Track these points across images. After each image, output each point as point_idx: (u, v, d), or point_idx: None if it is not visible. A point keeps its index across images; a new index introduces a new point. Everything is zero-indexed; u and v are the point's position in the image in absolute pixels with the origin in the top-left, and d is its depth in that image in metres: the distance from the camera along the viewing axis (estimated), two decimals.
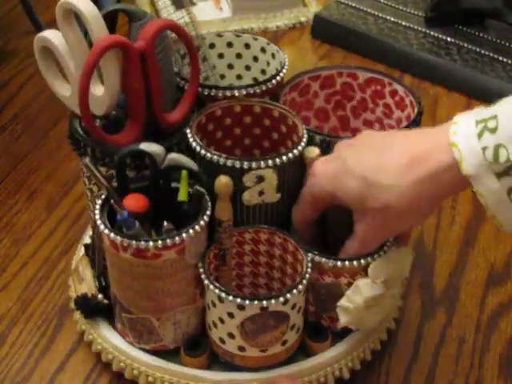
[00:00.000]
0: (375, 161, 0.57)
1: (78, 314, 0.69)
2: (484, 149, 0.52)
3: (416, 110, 0.68)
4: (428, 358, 0.70)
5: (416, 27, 1.11)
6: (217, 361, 0.65)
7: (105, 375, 0.67)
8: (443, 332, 0.73)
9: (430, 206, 0.58)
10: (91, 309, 0.67)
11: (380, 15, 1.13)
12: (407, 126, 0.67)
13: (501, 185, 0.52)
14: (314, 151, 0.64)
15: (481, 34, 1.10)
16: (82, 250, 0.73)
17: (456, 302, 0.76)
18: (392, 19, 1.13)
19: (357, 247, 0.61)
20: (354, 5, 1.16)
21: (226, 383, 0.63)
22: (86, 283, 0.69)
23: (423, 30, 1.10)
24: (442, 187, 0.55)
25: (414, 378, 0.68)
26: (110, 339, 0.66)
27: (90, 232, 0.74)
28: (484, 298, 0.76)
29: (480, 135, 0.52)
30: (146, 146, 0.59)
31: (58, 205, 0.85)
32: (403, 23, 1.12)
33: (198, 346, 0.65)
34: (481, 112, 0.54)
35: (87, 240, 0.74)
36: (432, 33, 1.09)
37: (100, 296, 0.67)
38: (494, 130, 0.51)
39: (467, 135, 0.53)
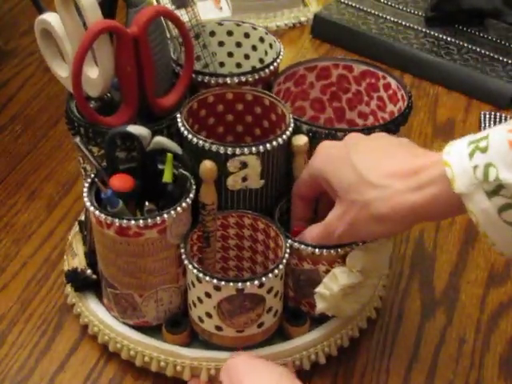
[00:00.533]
0: (376, 162, 0.59)
1: (68, 288, 0.72)
2: (475, 168, 0.52)
3: (406, 103, 0.69)
4: (428, 358, 0.71)
5: (416, 27, 1.11)
6: (197, 339, 0.67)
7: (105, 375, 0.68)
8: (443, 332, 0.73)
9: (406, 222, 0.58)
10: (80, 283, 0.70)
11: (380, 15, 1.13)
12: (396, 118, 0.69)
13: (491, 204, 0.52)
14: (302, 139, 0.66)
15: (481, 34, 1.10)
16: (77, 227, 0.76)
17: (456, 302, 0.76)
18: (392, 19, 1.13)
19: (318, 232, 0.63)
20: (354, 5, 1.16)
21: (202, 360, 0.65)
22: (78, 258, 0.71)
23: (423, 29, 1.11)
24: (429, 201, 0.55)
25: (414, 378, 0.69)
26: (97, 313, 0.69)
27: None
28: (484, 298, 0.76)
29: (471, 155, 0.52)
30: (133, 129, 0.62)
31: (57, 205, 0.86)
32: (403, 23, 1.12)
33: (179, 324, 0.67)
34: (474, 135, 0.54)
35: (82, 217, 0.77)
36: (432, 33, 1.10)
37: (89, 271, 0.69)
38: (484, 150, 0.52)
39: (459, 154, 0.53)
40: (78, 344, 0.71)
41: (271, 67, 0.70)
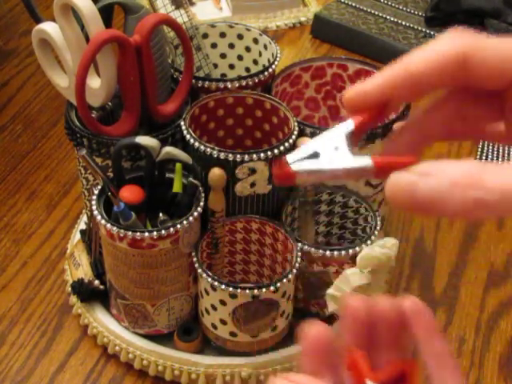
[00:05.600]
0: None
1: (74, 298, 0.71)
2: None
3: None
4: None
5: (416, 27, 1.12)
6: (209, 346, 0.67)
7: (105, 375, 0.69)
8: (443, 332, 0.74)
9: None
10: (88, 294, 0.69)
11: (380, 15, 1.14)
12: (396, 118, 0.69)
13: None
14: (307, 141, 0.66)
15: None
16: (77, 236, 0.75)
17: (456, 302, 0.76)
18: (392, 19, 1.13)
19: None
20: (354, 5, 1.16)
21: (217, 367, 0.65)
22: (82, 268, 0.71)
23: (423, 29, 1.11)
24: None
25: None
26: (106, 323, 0.69)
27: (84, 218, 0.76)
28: (484, 298, 0.77)
29: None
30: (141, 140, 0.61)
31: (57, 205, 0.85)
32: (403, 23, 1.12)
33: (190, 331, 0.67)
34: None
35: (82, 225, 0.76)
36: (432, 33, 1.10)
37: (96, 282, 0.69)
38: None
39: None
40: (77, 344, 0.71)
41: (270, 69, 0.70)
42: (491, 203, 0.29)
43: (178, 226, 0.60)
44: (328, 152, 0.32)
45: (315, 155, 0.32)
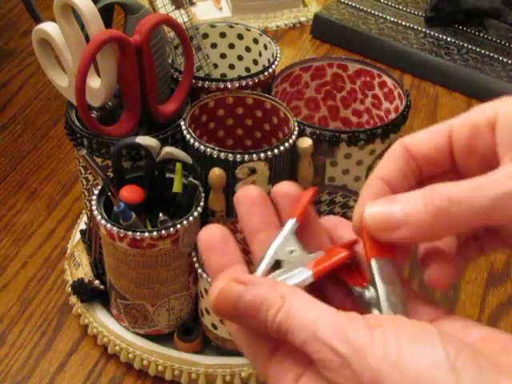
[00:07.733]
0: None
1: (74, 298, 0.71)
2: None
3: (404, 103, 0.70)
4: None
5: (416, 27, 1.12)
6: (209, 346, 0.67)
7: (105, 375, 0.69)
8: None
9: None
10: (88, 294, 0.69)
11: (380, 15, 1.14)
12: (395, 118, 0.69)
13: None
14: (307, 142, 0.66)
15: (481, 34, 1.11)
16: (77, 236, 0.75)
17: (456, 302, 0.76)
18: (392, 19, 1.14)
19: None
20: (354, 5, 1.16)
21: (217, 367, 0.65)
22: (82, 268, 0.71)
23: (423, 29, 1.12)
24: None
25: None
26: (106, 323, 0.69)
27: (84, 218, 0.76)
28: (484, 298, 0.77)
29: None
30: (141, 140, 0.61)
31: (57, 205, 0.86)
32: (403, 23, 1.13)
33: (191, 332, 0.67)
34: None
35: (82, 225, 0.76)
36: (432, 33, 1.11)
37: (96, 282, 0.69)
38: None
39: None
40: (78, 344, 0.71)
41: (270, 69, 0.70)
42: None
43: (178, 226, 0.60)
44: (287, 258, 0.37)
45: (277, 265, 0.37)
